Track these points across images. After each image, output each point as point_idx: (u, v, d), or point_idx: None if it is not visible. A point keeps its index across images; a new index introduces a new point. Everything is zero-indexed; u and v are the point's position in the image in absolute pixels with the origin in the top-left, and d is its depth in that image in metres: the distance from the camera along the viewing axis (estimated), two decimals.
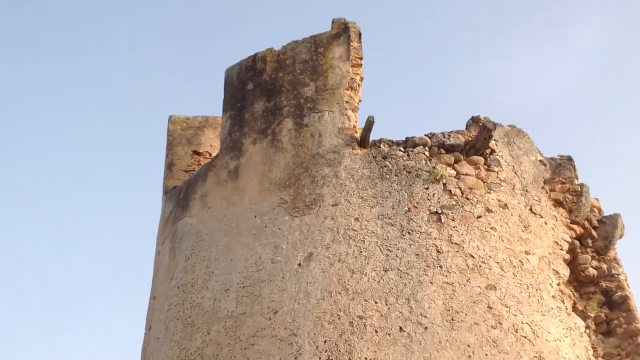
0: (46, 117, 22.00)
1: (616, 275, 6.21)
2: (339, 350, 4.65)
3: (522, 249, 5.34)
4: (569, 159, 6.80)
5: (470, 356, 4.64)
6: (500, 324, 4.84)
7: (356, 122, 5.89)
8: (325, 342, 4.69)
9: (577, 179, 6.75)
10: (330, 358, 4.63)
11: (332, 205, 5.31)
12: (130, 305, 20.08)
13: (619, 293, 6.08)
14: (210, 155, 7.05)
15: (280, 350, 4.74)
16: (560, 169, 6.66)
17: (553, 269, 5.42)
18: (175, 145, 7.11)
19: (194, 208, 6.02)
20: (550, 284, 5.31)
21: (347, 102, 5.89)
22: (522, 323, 4.91)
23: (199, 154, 7.13)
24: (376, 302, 4.82)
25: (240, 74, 6.43)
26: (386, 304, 4.81)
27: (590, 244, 6.28)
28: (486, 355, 4.67)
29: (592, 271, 6.14)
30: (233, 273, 5.28)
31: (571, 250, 6.08)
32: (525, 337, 4.86)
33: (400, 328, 4.71)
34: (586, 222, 6.25)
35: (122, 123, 22.16)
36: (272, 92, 6.12)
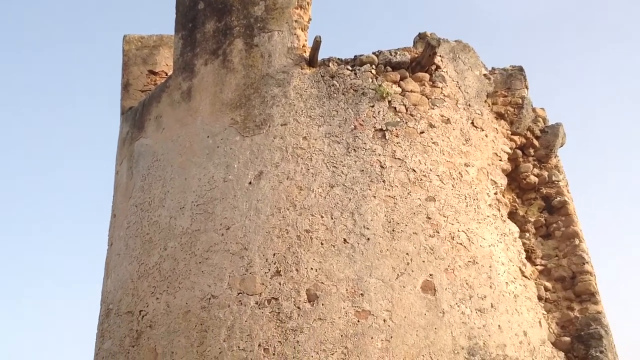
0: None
1: (556, 182, 6.57)
2: (287, 262, 4.98)
3: (462, 161, 5.62)
4: (520, 69, 7.02)
5: (408, 263, 4.99)
6: (438, 232, 5.18)
7: (306, 41, 6.00)
8: (274, 255, 5.01)
9: (528, 89, 6.99)
10: (279, 269, 4.96)
11: (281, 125, 5.51)
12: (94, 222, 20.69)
13: (559, 198, 6.46)
14: (166, 74, 7.14)
15: (233, 264, 5.06)
16: (511, 80, 6.89)
17: (491, 179, 5.74)
18: (130, 65, 7.17)
19: (149, 129, 6.19)
20: (488, 194, 5.63)
21: (296, 21, 5.98)
22: (459, 231, 5.26)
23: (155, 73, 7.20)
24: (322, 217, 5.12)
25: None
26: (331, 218, 5.11)
27: (532, 153, 6.60)
28: (423, 262, 5.03)
29: (533, 178, 6.50)
30: (187, 192, 5.53)
31: (513, 160, 6.40)
32: (460, 243, 5.21)
33: (344, 240, 5.03)
34: (528, 132, 6.54)
35: (78, 45, 21.92)
36: (222, 12, 6.17)
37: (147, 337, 5.22)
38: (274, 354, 4.69)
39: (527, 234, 6.40)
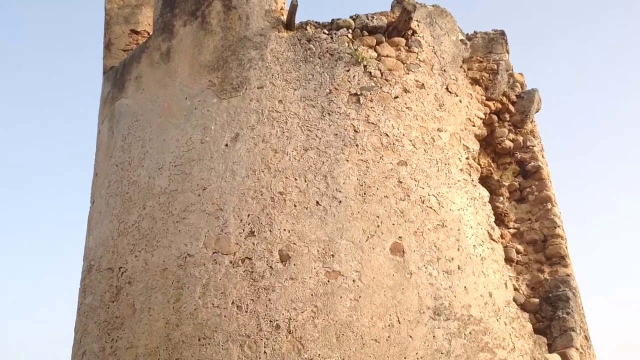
0: None
1: (531, 147, 6.71)
2: (261, 223, 5.12)
3: (435, 126, 5.73)
4: (502, 33, 7.09)
5: (378, 226, 5.15)
6: (408, 196, 5.32)
7: (284, 4, 6.03)
8: (248, 215, 5.16)
9: (508, 53, 7.07)
10: (253, 230, 5.11)
11: (257, 88, 5.59)
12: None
13: (533, 163, 6.61)
14: (149, 34, 7.16)
15: (208, 224, 5.21)
16: (492, 44, 6.96)
17: (463, 145, 5.86)
18: (112, 24, 7.19)
19: (130, 89, 6.26)
20: (459, 159, 5.76)
21: None
22: (429, 195, 5.40)
23: (137, 32, 7.22)
24: (296, 179, 5.25)
25: None
26: (305, 181, 5.25)
27: (508, 118, 6.72)
28: (393, 224, 5.18)
29: (508, 143, 6.63)
30: (166, 152, 5.64)
31: (489, 125, 6.51)
32: (430, 207, 5.36)
33: (317, 202, 5.18)
34: (504, 97, 6.64)
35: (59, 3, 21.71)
36: None
37: (126, 293, 5.39)
38: (246, 311, 4.87)
39: (501, 198, 6.57)
